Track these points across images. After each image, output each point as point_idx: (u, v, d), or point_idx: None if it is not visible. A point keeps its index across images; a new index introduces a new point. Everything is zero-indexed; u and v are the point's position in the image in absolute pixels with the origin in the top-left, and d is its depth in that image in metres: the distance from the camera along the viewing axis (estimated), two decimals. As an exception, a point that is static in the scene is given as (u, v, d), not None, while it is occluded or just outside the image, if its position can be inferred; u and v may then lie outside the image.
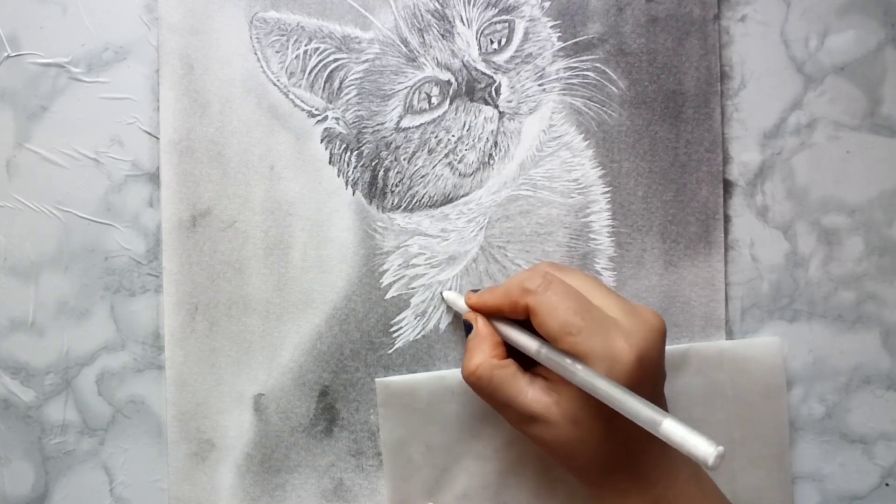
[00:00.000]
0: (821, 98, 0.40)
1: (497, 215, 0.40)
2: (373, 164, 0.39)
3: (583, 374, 0.31)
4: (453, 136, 0.39)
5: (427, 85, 0.39)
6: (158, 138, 0.39)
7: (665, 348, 0.34)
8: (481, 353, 0.35)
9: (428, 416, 0.39)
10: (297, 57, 0.39)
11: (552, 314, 0.32)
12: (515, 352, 0.35)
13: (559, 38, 0.39)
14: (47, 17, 0.39)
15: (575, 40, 0.39)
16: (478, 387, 0.35)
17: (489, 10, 0.39)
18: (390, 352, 0.40)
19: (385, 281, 0.40)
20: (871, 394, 0.41)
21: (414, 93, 0.39)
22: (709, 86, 0.40)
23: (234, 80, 0.39)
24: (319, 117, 0.39)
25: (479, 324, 0.36)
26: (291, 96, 0.39)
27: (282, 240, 0.39)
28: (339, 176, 0.39)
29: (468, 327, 0.36)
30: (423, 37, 0.39)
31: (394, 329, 0.40)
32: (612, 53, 0.40)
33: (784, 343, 0.40)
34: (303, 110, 0.39)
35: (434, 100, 0.39)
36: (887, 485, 0.41)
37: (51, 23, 0.39)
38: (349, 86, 0.39)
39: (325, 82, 0.39)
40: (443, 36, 0.39)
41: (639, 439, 0.32)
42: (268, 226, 0.39)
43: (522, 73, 0.39)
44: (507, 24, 0.39)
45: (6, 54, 0.39)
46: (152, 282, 0.40)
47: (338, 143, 0.39)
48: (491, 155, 0.39)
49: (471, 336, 0.36)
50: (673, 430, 0.28)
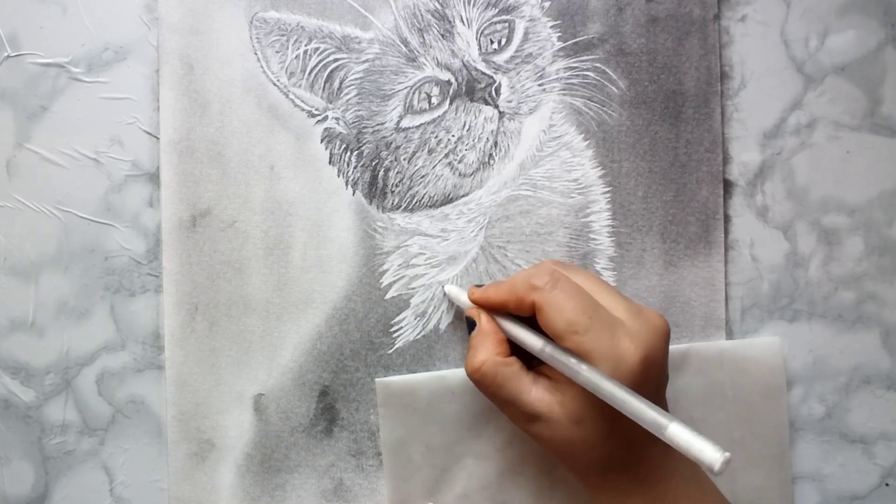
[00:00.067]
0: (821, 98, 0.40)
1: (497, 215, 0.40)
2: (373, 164, 0.39)
3: (587, 373, 0.31)
4: (453, 136, 0.39)
5: (427, 85, 0.39)
6: (158, 138, 0.39)
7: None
8: (485, 349, 0.34)
9: (428, 416, 0.39)
10: (297, 57, 0.39)
11: (559, 312, 0.32)
12: (517, 349, 0.35)
13: (559, 38, 0.39)
14: (47, 17, 0.39)
15: (575, 40, 0.39)
16: (482, 384, 0.34)
17: (489, 10, 0.39)
18: (390, 352, 0.40)
19: (385, 281, 0.40)
20: (871, 394, 0.41)
21: (414, 93, 0.39)
22: (709, 86, 0.40)
23: (234, 80, 0.39)
24: (319, 117, 0.39)
25: (483, 320, 0.35)
26: (291, 96, 0.39)
27: (282, 240, 0.39)
28: (339, 176, 0.39)
29: (470, 323, 0.36)
30: (423, 37, 0.39)
31: (394, 329, 0.40)
32: (612, 53, 0.40)
33: (784, 343, 0.40)
34: (303, 110, 0.39)
35: (434, 100, 0.39)
36: (887, 485, 0.41)
37: (51, 23, 0.39)
38: (349, 86, 0.39)
39: (325, 82, 0.39)
40: (443, 36, 0.39)
41: (641, 440, 0.32)
42: (268, 226, 0.39)
43: (522, 73, 0.39)
44: (507, 24, 0.39)
45: (6, 54, 0.39)
46: (152, 282, 0.40)
47: (338, 143, 0.39)
48: (491, 155, 0.39)
49: (474, 332, 0.36)
50: (679, 434, 0.27)
